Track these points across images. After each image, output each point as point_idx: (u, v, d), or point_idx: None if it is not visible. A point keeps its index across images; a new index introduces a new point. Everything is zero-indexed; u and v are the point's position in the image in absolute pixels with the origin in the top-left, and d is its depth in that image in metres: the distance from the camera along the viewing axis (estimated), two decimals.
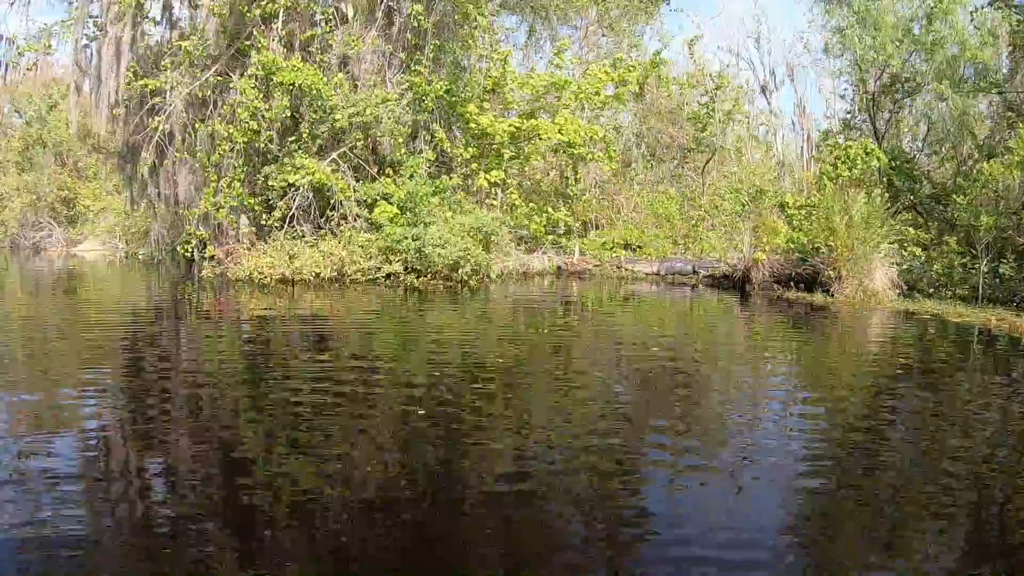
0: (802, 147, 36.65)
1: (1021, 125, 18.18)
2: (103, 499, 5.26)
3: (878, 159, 22.07)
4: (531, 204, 24.98)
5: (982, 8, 22.93)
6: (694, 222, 27.02)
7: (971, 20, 23.05)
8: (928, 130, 26.97)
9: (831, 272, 17.90)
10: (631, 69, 25.74)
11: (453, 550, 4.68)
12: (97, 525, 4.85)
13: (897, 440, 7.11)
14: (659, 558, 4.62)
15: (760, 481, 5.83)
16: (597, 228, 27.28)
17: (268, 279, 19.14)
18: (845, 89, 30.42)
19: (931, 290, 17.93)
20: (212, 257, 21.58)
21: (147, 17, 23.74)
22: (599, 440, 6.74)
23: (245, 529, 4.86)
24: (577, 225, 26.30)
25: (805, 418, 7.78)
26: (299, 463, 5.93)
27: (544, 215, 24.83)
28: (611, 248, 25.30)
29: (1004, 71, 24.26)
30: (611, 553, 4.68)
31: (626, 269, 23.96)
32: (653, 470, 6.13)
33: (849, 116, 28.83)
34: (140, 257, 32.75)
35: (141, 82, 22.67)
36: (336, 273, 19.69)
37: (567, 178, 26.48)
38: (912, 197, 22.49)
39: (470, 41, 24.45)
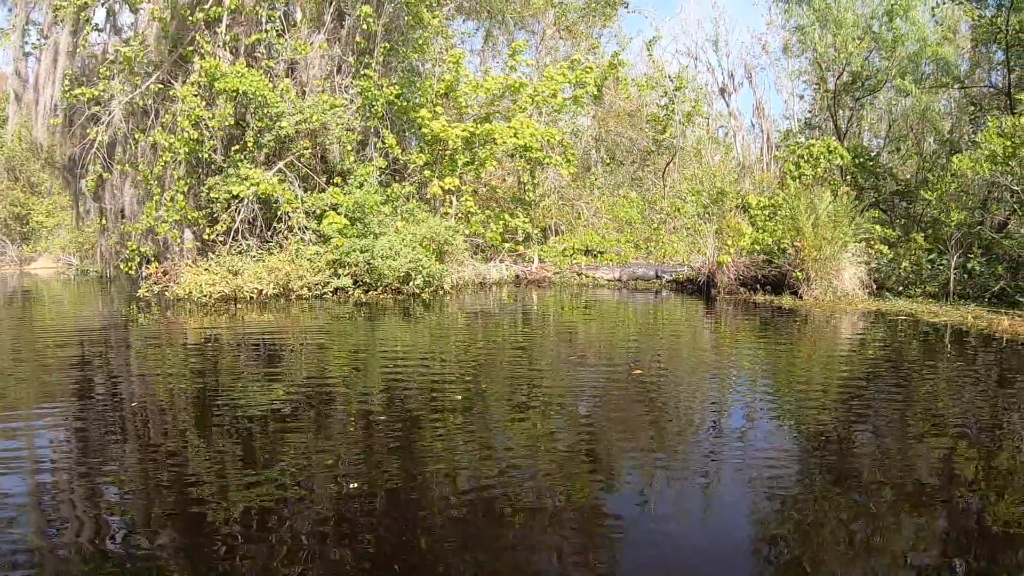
0: (762, 148, 36.52)
1: (989, 119, 17.75)
2: (53, 525, 5.03)
3: (841, 157, 21.70)
4: (487, 211, 24.30)
5: (943, 4, 22.68)
6: (655, 225, 26.49)
7: (932, 15, 22.84)
8: (890, 127, 26.75)
9: (799, 273, 17.38)
10: (588, 70, 25.14)
11: (417, 571, 4.46)
12: (46, 552, 4.63)
13: (871, 441, 6.90)
14: (632, 565, 4.52)
15: (733, 485, 5.73)
16: (557, 234, 26.65)
17: (208, 297, 18.11)
18: (804, 90, 30.28)
19: (900, 288, 17.49)
20: (149, 276, 20.51)
21: (87, 21, 22.76)
22: (565, 452, 6.54)
23: (199, 553, 4.65)
24: (536, 232, 25.64)
25: (776, 422, 7.49)
26: (253, 487, 5.66)
27: (501, 222, 24.15)
28: (571, 255, 24.68)
29: (965, 66, 24.09)
30: (583, 563, 4.60)
31: (586, 276, 23.34)
32: (623, 478, 5.97)
33: (810, 115, 28.56)
34: (92, 274, 31.79)
35: (78, 91, 21.73)
36: (280, 289, 18.72)
37: (524, 183, 25.83)
38: (876, 194, 22.13)
39: (424, 45, 23.76)
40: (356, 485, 5.60)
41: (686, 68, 33.77)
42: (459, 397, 8.34)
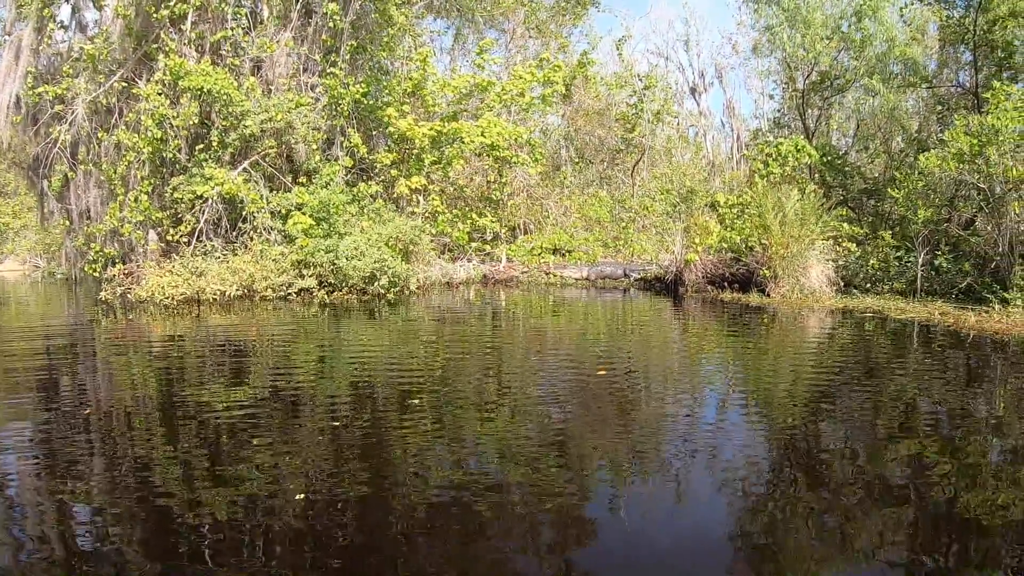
0: (732, 147, 36.63)
1: (956, 118, 17.83)
2: (19, 535, 4.82)
3: (809, 155, 21.75)
4: (455, 210, 24.13)
5: (911, 4, 22.83)
6: (624, 224, 26.43)
7: (900, 16, 23.00)
8: (858, 126, 26.90)
9: (766, 271, 17.38)
10: (556, 69, 25.06)
11: (389, 572, 4.36)
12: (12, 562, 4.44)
13: (840, 436, 6.89)
14: (605, 565, 4.45)
15: (704, 483, 5.70)
16: (526, 233, 26.51)
17: (171, 299, 17.72)
18: (774, 89, 30.39)
19: (868, 285, 17.57)
20: (112, 278, 20.13)
21: (51, 18, 22.43)
22: (535, 452, 6.38)
23: (168, 557, 4.47)
24: (504, 231, 25.49)
25: (745, 419, 7.45)
26: (222, 490, 5.48)
27: (468, 221, 23.98)
28: (539, 253, 24.56)
29: (933, 66, 24.27)
30: (556, 563, 4.52)
31: (554, 275, 23.22)
32: (594, 478, 5.88)
33: (779, 114, 28.66)
34: (59, 276, 31.27)
35: (41, 89, 21.40)
36: (244, 290, 18.38)
37: (492, 182, 25.68)
38: (844, 192, 22.21)
39: (391, 43, 23.55)
40: (325, 487, 5.49)
41: (656, 67, 33.92)
42: (426, 398, 8.19)
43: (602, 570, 4.38)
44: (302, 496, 5.32)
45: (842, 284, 17.57)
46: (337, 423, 7.21)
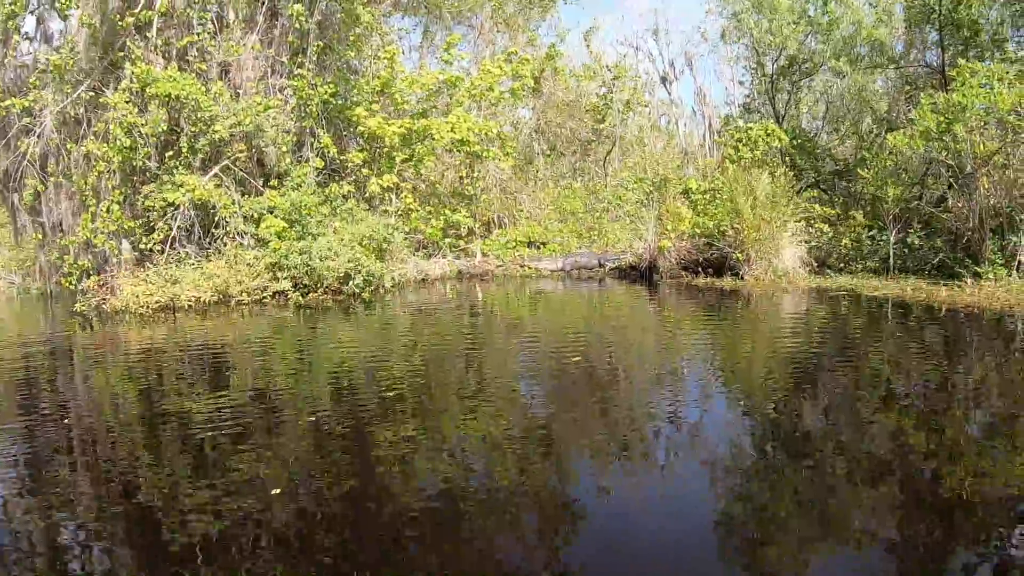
0: (704, 134, 36.73)
1: (923, 96, 17.93)
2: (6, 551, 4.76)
3: (779, 139, 21.85)
4: (428, 207, 24.08)
5: None
6: (598, 214, 26.46)
7: None
8: (827, 109, 27.02)
9: (739, 254, 17.48)
10: (525, 63, 25.05)
11: (380, 571, 4.33)
12: None
13: (821, 415, 6.99)
14: (593, 552, 4.48)
15: (688, 467, 5.76)
16: (500, 227, 26.47)
17: (146, 308, 17.55)
18: (744, 75, 30.45)
19: (841, 265, 17.74)
20: (87, 290, 19.97)
21: (16, 30, 22.21)
22: (522, 448, 6.39)
23: (156, 567, 4.48)
24: (478, 226, 25.44)
25: (725, 401, 7.62)
26: (208, 501, 5.39)
27: (442, 218, 23.94)
28: (513, 247, 24.54)
29: (899, 47, 24.40)
30: (544, 553, 4.56)
31: (529, 268, 23.21)
32: (579, 467, 5.98)
33: (749, 100, 28.72)
34: (35, 292, 30.90)
35: (8, 102, 21.20)
36: (220, 295, 18.20)
37: (464, 178, 25.63)
38: (815, 174, 22.35)
39: (359, 43, 23.48)
40: (309, 484, 5.53)
41: (624, 57, 33.94)
42: (408, 395, 8.18)
43: (593, 561, 4.38)
44: (289, 497, 5.32)
45: (816, 264, 17.74)
46: (321, 424, 7.22)
